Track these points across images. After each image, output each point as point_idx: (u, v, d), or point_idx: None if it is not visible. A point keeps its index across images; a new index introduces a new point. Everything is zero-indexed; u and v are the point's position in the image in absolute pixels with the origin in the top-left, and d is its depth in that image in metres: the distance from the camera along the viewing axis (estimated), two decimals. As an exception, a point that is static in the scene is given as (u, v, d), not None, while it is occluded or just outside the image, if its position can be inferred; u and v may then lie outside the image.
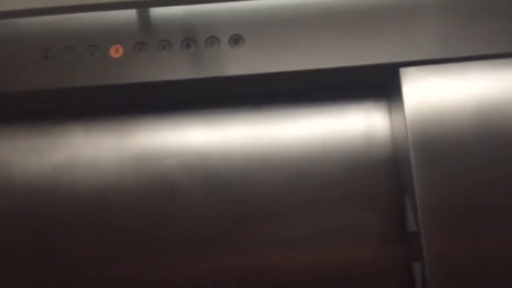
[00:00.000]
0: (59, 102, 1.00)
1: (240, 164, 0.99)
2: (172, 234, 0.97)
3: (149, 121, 1.02)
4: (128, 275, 0.97)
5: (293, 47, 0.91)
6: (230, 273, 0.96)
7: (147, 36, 0.93)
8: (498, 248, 0.84)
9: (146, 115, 1.02)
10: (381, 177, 0.98)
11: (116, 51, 0.93)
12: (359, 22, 0.92)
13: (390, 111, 1.01)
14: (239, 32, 0.92)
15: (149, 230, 0.98)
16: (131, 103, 1.02)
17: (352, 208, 0.98)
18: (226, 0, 0.91)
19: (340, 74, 0.94)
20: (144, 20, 0.93)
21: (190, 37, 0.93)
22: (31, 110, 1.02)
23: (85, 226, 0.98)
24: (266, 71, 0.91)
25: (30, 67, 0.93)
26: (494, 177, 0.86)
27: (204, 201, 0.99)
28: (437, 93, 0.89)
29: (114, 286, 0.97)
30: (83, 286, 0.97)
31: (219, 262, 0.97)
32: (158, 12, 0.94)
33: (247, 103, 1.02)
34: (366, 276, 0.96)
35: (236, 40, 0.92)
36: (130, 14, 0.94)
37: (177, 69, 0.92)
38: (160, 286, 0.96)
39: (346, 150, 0.99)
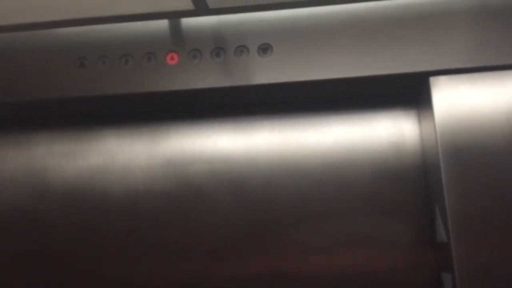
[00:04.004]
0: (94, 108, 1.04)
1: (266, 170, 1.01)
2: (199, 238, 0.99)
3: (178, 127, 1.05)
4: (158, 276, 0.99)
5: (322, 55, 0.92)
6: (255, 277, 0.97)
7: (178, 46, 0.95)
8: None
9: (176, 122, 1.05)
10: (410, 186, 0.97)
11: (148, 60, 0.96)
12: (389, 30, 0.91)
13: (419, 120, 1.00)
14: (267, 41, 0.93)
15: (178, 233, 1.00)
16: (162, 110, 1.05)
17: (380, 217, 0.97)
18: (255, 10, 0.92)
19: (369, 83, 0.94)
20: (175, 29, 0.95)
21: (220, 46, 0.94)
22: (68, 116, 1.07)
23: (117, 228, 1.01)
24: (295, 79, 0.92)
25: (66, 75, 0.96)
26: (527, 188, 0.84)
27: (230, 206, 1.00)
28: (468, 102, 0.88)
29: (145, 287, 1.00)
30: (115, 286, 1.00)
31: (244, 266, 0.98)
32: (189, 22, 0.96)
33: (274, 111, 1.03)
34: (395, 286, 0.95)
35: (264, 49, 0.94)
36: (161, 24, 0.96)
37: (207, 77, 0.94)
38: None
39: (375, 159, 0.99)
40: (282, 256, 0.97)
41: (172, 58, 0.95)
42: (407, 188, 0.98)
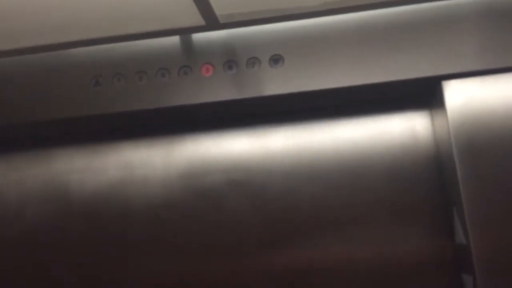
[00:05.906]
0: (111, 125, 1.06)
1: (283, 179, 1.01)
2: (219, 247, 1.01)
3: (194, 139, 1.06)
4: (179, 286, 1.00)
5: (333, 64, 0.92)
6: (276, 284, 0.98)
7: (191, 61, 0.96)
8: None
9: (192, 134, 1.06)
10: (427, 189, 0.97)
11: (162, 76, 0.98)
12: (399, 36, 0.92)
13: (433, 124, 1.00)
14: (278, 52, 0.94)
15: (197, 244, 1.01)
16: (178, 123, 1.06)
17: (399, 220, 0.97)
18: (265, 22, 0.93)
19: (381, 89, 0.94)
20: (187, 45, 0.97)
21: (232, 59, 0.96)
22: (86, 132, 1.09)
23: (138, 240, 1.03)
24: (307, 89, 0.93)
25: (81, 93, 0.98)
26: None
27: (248, 215, 1.01)
28: (481, 104, 0.88)
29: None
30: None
31: (266, 274, 0.99)
32: (200, 37, 0.97)
33: (289, 119, 1.04)
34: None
35: (276, 60, 0.95)
36: (174, 40, 0.97)
37: (221, 90, 0.95)
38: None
39: (391, 163, 0.99)
40: (304, 262, 0.98)
41: (185, 73, 0.96)
42: (425, 191, 0.98)
